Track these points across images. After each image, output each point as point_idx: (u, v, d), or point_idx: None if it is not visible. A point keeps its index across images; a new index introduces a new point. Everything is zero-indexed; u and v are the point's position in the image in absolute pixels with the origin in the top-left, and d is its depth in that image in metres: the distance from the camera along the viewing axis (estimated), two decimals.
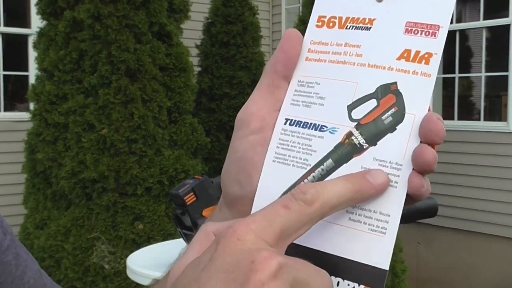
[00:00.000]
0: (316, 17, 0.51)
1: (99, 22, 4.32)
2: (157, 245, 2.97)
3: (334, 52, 0.49)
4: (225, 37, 6.44)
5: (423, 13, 0.47)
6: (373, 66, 0.47)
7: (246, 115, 0.52)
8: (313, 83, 0.49)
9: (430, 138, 0.45)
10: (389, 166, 0.45)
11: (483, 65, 6.61)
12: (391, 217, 0.44)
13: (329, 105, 0.48)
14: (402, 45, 0.47)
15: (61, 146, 4.40)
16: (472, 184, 6.09)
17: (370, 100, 0.47)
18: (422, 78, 0.46)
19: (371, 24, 0.48)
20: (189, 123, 4.70)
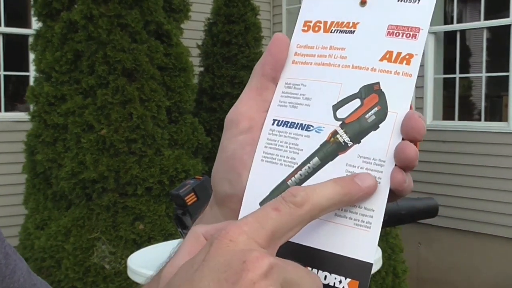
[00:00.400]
0: (302, 22, 0.53)
1: (92, 22, 4.32)
2: (158, 245, 2.97)
3: (320, 55, 0.51)
4: (227, 36, 6.44)
5: (404, 16, 0.49)
6: (357, 67, 0.49)
7: (236, 115, 0.53)
8: (300, 85, 0.51)
9: (412, 135, 0.47)
10: (373, 163, 0.47)
11: (484, 65, 6.61)
12: (375, 212, 0.46)
13: (315, 106, 0.50)
14: (384, 47, 0.49)
15: (60, 147, 4.39)
16: (473, 185, 6.08)
17: (354, 100, 0.48)
18: (403, 78, 0.47)
19: (354, 28, 0.50)
20: (189, 123, 4.70)
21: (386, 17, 0.50)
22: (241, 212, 0.50)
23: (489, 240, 6.04)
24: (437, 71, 6.63)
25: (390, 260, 4.48)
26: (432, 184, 6.11)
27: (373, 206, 0.46)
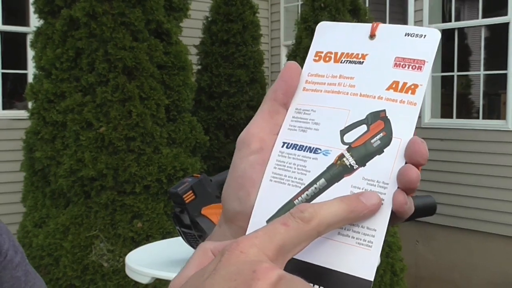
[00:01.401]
0: (314, 52, 0.57)
1: (94, 20, 4.32)
2: (156, 243, 2.98)
3: (329, 83, 0.54)
4: (225, 35, 6.44)
5: (410, 49, 0.52)
6: (364, 95, 0.52)
7: (247, 136, 0.56)
8: (309, 110, 0.54)
9: (415, 159, 0.49)
10: (376, 185, 0.50)
11: (482, 63, 6.61)
12: (377, 231, 0.48)
13: (323, 130, 0.53)
14: (391, 77, 0.52)
15: (59, 145, 4.39)
16: (471, 183, 6.09)
17: (361, 126, 0.52)
18: (408, 107, 0.51)
19: (363, 59, 0.54)
20: (188, 121, 4.70)
21: (394, 50, 0.53)
22: (249, 229, 0.53)
23: (487, 238, 6.05)
24: (435, 69, 6.63)
25: (388, 258, 4.49)
26: (430, 182, 6.12)
27: (375, 226, 0.49)
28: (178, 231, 2.27)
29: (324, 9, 4.87)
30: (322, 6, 4.88)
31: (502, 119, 6.29)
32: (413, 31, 0.53)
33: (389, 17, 7.11)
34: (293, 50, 5.12)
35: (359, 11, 5.07)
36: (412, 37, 0.53)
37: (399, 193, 0.49)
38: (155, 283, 3.41)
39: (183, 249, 2.36)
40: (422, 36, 0.53)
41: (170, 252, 2.61)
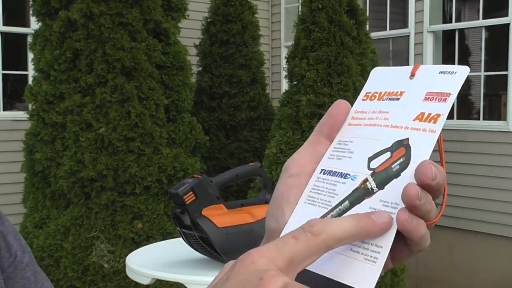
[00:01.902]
0: (364, 93, 0.64)
1: (92, 21, 4.32)
2: (157, 244, 2.97)
3: (369, 117, 0.61)
4: (225, 36, 6.44)
5: (441, 85, 0.58)
6: (394, 126, 0.58)
7: (290, 162, 0.62)
8: (348, 141, 0.61)
9: (420, 178, 0.52)
10: (390, 206, 0.54)
11: (483, 64, 6.61)
12: (383, 248, 0.52)
13: (355, 158, 0.59)
14: (419, 109, 0.58)
15: (59, 146, 4.39)
16: (471, 183, 6.09)
17: (386, 153, 0.57)
18: (428, 134, 0.56)
19: (400, 96, 0.60)
20: (187, 122, 4.70)
21: (427, 86, 0.59)
22: None
23: (488, 239, 6.04)
24: None
25: None
26: None
27: (382, 243, 0.52)
28: (178, 232, 2.27)
29: (322, 10, 4.87)
30: (319, 7, 4.88)
31: (503, 120, 6.29)
32: (446, 69, 0.59)
33: (390, 18, 7.11)
34: (291, 51, 5.12)
35: (356, 12, 5.08)
36: (445, 74, 0.58)
37: (402, 211, 0.52)
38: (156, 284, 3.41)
39: (184, 250, 2.36)
40: (453, 73, 0.58)
41: (171, 253, 2.61)
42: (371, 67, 5.07)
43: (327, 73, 4.79)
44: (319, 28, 4.85)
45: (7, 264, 0.87)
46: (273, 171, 4.85)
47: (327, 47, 4.82)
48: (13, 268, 0.87)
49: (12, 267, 0.87)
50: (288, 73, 5.10)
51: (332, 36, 4.82)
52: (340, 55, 4.82)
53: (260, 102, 6.51)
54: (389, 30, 7.14)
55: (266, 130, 6.26)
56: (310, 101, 4.76)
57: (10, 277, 0.86)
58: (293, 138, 4.83)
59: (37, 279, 0.89)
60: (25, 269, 0.88)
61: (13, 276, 0.87)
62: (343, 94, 4.78)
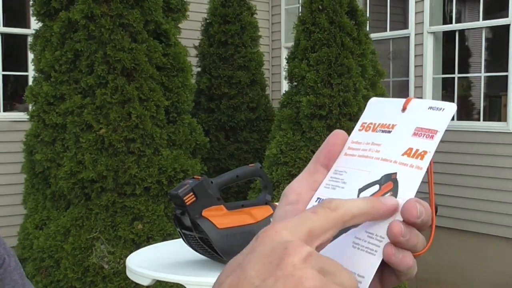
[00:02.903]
0: (361, 123, 0.67)
1: (93, 22, 4.32)
2: (157, 245, 2.97)
3: (363, 149, 0.64)
4: (223, 37, 6.44)
5: (429, 120, 0.61)
6: (384, 159, 0.61)
7: (288, 189, 0.65)
8: (343, 172, 0.64)
9: (405, 216, 0.56)
10: (374, 238, 0.57)
11: (483, 65, 6.61)
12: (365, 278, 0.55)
13: (347, 188, 0.62)
14: (408, 144, 0.61)
15: (59, 147, 4.39)
16: (471, 184, 6.09)
17: (375, 185, 0.60)
18: (415, 171, 0.59)
19: (392, 129, 0.63)
20: (187, 123, 4.70)
21: (416, 121, 0.61)
22: None
23: (488, 240, 6.04)
24: (436, 71, 6.63)
25: None
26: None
27: (364, 274, 0.56)
28: (178, 232, 2.27)
29: (322, 11, 4.87)
30: (320, 8, 4.88)
31: (503, 121, 6.29)
32: (435, 104, 0.61)
33: (390, 18, 7.12)
34: (292, 52, 5.12)
35: (357, 13, 5.08)
36: (433, 110, 0.61)
37: (388, 245, 0.55)
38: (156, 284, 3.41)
39: (184, 251, 2.36)
40: (441, 109, 0.61)
41: (171, 254, 2.61)
42: (371, 67, 5.08)
43: (327, 74, 4.79)
44: (320, 29, 4.85)
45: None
46: (273, 172, 4.85)
47: (327, 48, 4.82)
48: (3, 270, 0.88)
49: (2, 269, 0.88)
50: (288, 74, 5.10)
51: (333, 37, 4.83)
52: (341, 56, 4.82)
53: (259, 103, 6.51)
54: (389, 31, 7.15)
55: (266, 131, 6.27)
56: (310, 102, 4.76)
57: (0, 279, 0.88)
58: (293, 139, 4.83)
59: (24, 282, 0.91)
60: (13, 272, 0.90)
61: (3, 278, 0.88)
62: (343, 95, 4.78)
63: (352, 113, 4.79)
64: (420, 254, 0.58)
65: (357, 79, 4.86)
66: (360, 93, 4.86)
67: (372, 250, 0.57)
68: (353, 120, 4.82)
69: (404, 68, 7.08)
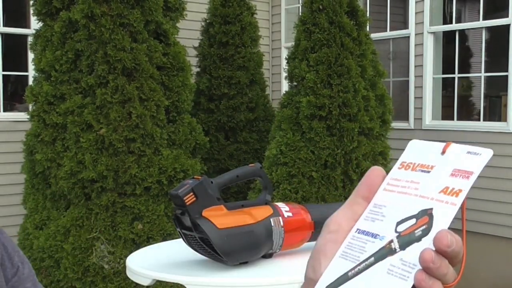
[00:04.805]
0: (400, 162, 0.72)
1: (93, 22, 4.32)
2: (157, 245, 2.97)
3: (402, 186, 0.69)
4: (224, 37, 6.44)
5: (467, 163, 0.66)
6: (422, 196, 0.66)
7: (330, 220, 0.70)
8: (382, 206, 0.69)
9: (436, 245, 0.60)
10: (408, 265, 0.62)
11: (483, 65, 6.61)
12: None
13: (386, 221, 0.67)
14: (445, 183, 0.66)
15: (59, 147, 4.39)
16: (472, 184, 6.08)
17: (412, 219, 0.65)
18: (450, 206, 0.64)
19: (431, 169, 0.68)
20: (187, 123, 4.70)
21: (454, 163, 0.67)
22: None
23: (488, 240, 6.04)
24: (436, 71, 6.63)
25: None
26: None
27: None
28: (179, 233, 2.27)
29: (322, 11, 4.87)
30: (320, 8, 4.88)
31: (503, 121, 6.29)
32: (473, 150, 0.67)
33: (390, 18, 7.11)
34: (292, 52, 5.12)
35: (357, 13, 5.08)
36: (471, 154, 0.67)
37: (419, 271, 0.60)
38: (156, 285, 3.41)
39: (184, 251, 2.36)
40: (478, 154, 0.66)
41: (171, 254, 2.61)
42: (371, 68, 5.07)
43: (327, 74, 4.79)
44: (320, 29, 4.85)
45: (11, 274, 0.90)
46: (273, 172, 4.85)
47: (327, 48, 4.82)
48: (17, 278, 0.90)
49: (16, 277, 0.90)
50: (288, 74, 5.10)
51: (333, 37, 4.82)
52: (340, 56, 4.82)
53: (259, 103, 6.51)
54: (389, 31, 7.15)
55: (265, 131, 6.27)
56: (310, 103, 4.76)
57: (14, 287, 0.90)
58: (293, 140, 4.83)
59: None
60: (26, 280, 0.92)
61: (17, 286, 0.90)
62: (343, 95, 4.78)
63: (351, 114, 4.79)
64: (450, 286, 0.61)
65: (356, 79, 4.85)
66: (359, 93, 4.86)
67: (404, 276, 0.61)
68: (353, 120, 4.82)
69: (404, 68, 7.07)
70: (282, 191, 4.77)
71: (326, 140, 4.76)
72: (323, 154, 4.76)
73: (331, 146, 4.77)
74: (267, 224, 2.20)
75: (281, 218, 2.23)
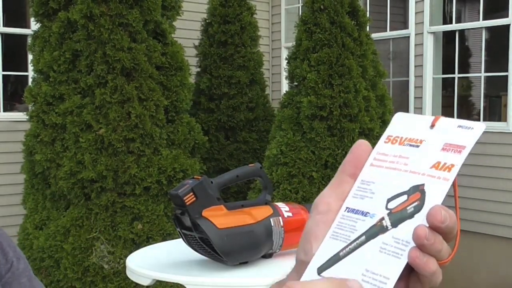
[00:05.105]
0: (386, 136, 0.69)
1: (92, 22, 4.31)
2: (157, 245, 2.97)
3: (390, 161, 0.67)
4: (223, 36, 6.44)
5: (458, 138, 0.64)
6: (413, 172, 0.64)
7: (318, 200, 0.68)
8: (370, 182, 0.66)
9: (430, 221, 0.58)
10: (400, 243, 0.60)
11: (483, 65, 6.61)
12: (390, 279, 0.58)
13: (375, 198, 0.65)
14: (436, 158, 0.64)
15: (59, 147, 4.39)
16: (472, 184, 6.09)
17: (403, 195, 0.63)
18: (442, 182, 0.62)
19: (420, 143, 0.66)
20: (186, 122, 4.69)
21: (445, 137, 0.65)
22: (303, 275, 0.63)
23: (488, 240, 6.04)
24: (436, 71, 6.63)
25: None
26: None
27: (389, 275, 0.59)
28: (178, 233, 2.26)
29: (323, 11, 4.87)
30: (321, 8, 4.88)
31: (503, 121, 6.29)
32: (464, 124, 0.65)
33: (390, 18, 7.11)
34: (293, 52, 5.12)
35: (358, 13, 5.08)
36: (462, 128, 0.64)
37: (413, 248, 0.58)
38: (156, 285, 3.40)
39: (184, 251, 2.36)
40: (470, 128, 0.64)
41: (171, 254, 2.61)
42: (372, 68, 5.07)
43: (328, 74, 4.79)
44: (321, 29, 4.85)
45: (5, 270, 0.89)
46: (273, 172, 4.85)
47: (328, 48, 4.81)
48: (10, 274, 0.89)
49: (10, 273, 0.89)
50: (289, 74, 5.10)
51: (334, 37, 4.82)
52: (341, 56, 4.81)
53: (258, 103, 6.51)
54: (389, 31, 7.14)
55: (265, 131, 6.26)
56: (311, 103, 4.75)
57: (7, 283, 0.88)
58: (293, 140, 4.83)
59: (32, 284, 0.92)
60: (21, 276, 0.91)
61: (10, 282, 0.88)
62: (344, 95, 4.78)
63: (352, 114, 4.79)
64: (444, 262, 0.60)
65: (357, 80, 4.85)
66: (360, 94, 4.85)
67: (397, 254, 0.59)
68: (354, 121, 4.82)
69: (404, 68, 7.07)
70: (282, 191, 4.76)
71: (327, 140, 4.75)
72: (323, 154, 4.76)
73: (332, 147, 4.76)
74: (267, 224, 2.20)
75: (281, 218, 2.23)
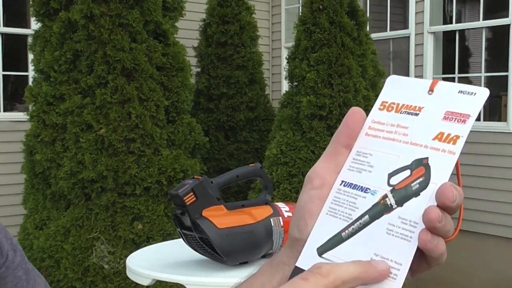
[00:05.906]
0: (380, 101, 0.64)
1: (92, 22, 4.32)
2: (157, 245, 2.97)
3: (388, 130, 0.62)
4: (222, 37, 6.44)
5: (460, 105, 0.59)
6: (414, 143, 0.59)
7: (312, 174, 0.64)
8: (367, 154, 0.62)
9: (441, 201, 0.55)
10: (408, 224, 0.56)
11: (483, 65, 6.61)
12: (403, 266, 0.55)
13: (375, 172, 0.60)
14: (438, 128, 0.59)
15: (59, 147, 4.39)
16: (472, 184, 6.09)
17: (406, 170, 0.58)
18: (448, 155, 0.57)
19: (419, 111, 0.61)
20: (187, 123, 4.70)
21: (446, 104, 0.60)
22: (301, 256, 0.60)
23: (489, 240, 6.04)
24: (436, 71, 6.63)
25: None
26: None
27: (402, 261, 0.55)
28: (179, 233, 2.26)
29: (322, 11, 4.87)
30: (320, 8, 4.88)
31: (503, 121, 6.29)
32: (466, 89, 0.60)
33: (390, 18, 7.11)
34: (292, 52, 5.12)
35: (357, 13, 5.08)
36: (464, 94, 0.60)
37: (424, 232, 0.55)
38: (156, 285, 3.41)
39: (184, 251, 2.36)
40: (472, 94, 0.59)
41: (171, 254, 2.61)
42: (371, 68, 5.07)
43: (327, 74, 4.79)
44: (320, 29, 4.85)
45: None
46: (273, 172, 4.85)
47: (328, 48, 4.82)
48: (5, 268, 0.88)
49: (4, 267, 0.87)
50: (288, 74, 5.10)
51: (333, 37, 4.82)
52: (341, 56, 4.82)
53: (258, 102, 6.51)
54: (390, 31, 7.15)
55: (266, 131, 6.27)
56: (310, 102, 4.75)
57: (2, 277, 0.88)
58: (293, 139, 4.83)
59: (29, 277, 0.90)
60: (17, 269, 0.89)
61: (5, 276, 0.87)
62: (344, 95, 4.78)
63: None
64: (451, 239, 0.57)
65: (357, 79, 4.85)
66: (360, 93, 4.86)
67: (406, 236, 0.56)
68: None
69: (404, 68, 7.07)
70: (282, 191, 4.77)
71: (327, 140, 4.75)
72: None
73: None
74: (267, 224, 2.20)
75: (281, 218, 2.23)
